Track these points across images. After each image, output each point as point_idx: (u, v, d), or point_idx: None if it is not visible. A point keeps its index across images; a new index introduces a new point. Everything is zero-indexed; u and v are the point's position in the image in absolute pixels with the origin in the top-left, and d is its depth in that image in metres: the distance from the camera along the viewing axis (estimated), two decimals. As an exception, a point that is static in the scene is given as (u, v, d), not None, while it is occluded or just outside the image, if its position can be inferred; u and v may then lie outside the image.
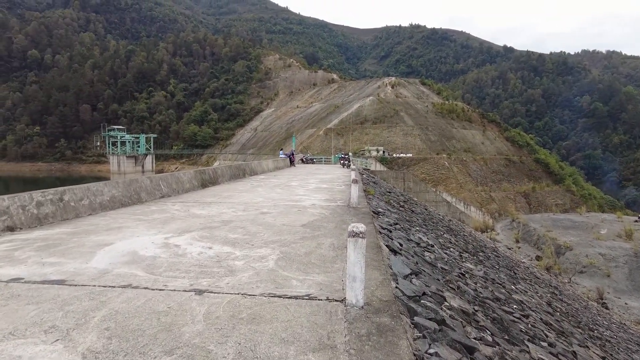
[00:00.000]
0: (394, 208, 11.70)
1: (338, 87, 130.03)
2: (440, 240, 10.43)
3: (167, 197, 8.87)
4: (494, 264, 12.66)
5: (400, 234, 7.22)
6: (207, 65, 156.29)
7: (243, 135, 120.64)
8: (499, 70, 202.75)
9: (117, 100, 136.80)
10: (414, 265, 5.16)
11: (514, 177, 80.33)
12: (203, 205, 7.67)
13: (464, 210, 47.24)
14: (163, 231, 5.16)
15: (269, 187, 11.81)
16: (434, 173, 72.16)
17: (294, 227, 5.55)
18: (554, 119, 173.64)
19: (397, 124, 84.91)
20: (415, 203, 21.01)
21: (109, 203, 6.96)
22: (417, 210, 16.30)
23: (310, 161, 35.79)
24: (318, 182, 14.06)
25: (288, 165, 25.25)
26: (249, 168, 16.78)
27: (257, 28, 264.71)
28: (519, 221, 47.51)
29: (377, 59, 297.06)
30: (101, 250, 4.16)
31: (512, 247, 39.28)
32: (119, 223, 5.71)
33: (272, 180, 14.57)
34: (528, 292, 9.83)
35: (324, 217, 6.44)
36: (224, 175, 13.23)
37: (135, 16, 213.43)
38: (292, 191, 10.64)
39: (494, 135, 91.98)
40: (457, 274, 6.51)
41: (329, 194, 10.02)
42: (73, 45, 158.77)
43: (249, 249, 4.25)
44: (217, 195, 9.32)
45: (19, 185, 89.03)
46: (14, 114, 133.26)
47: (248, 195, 9.53)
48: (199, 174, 11.13)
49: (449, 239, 11.96)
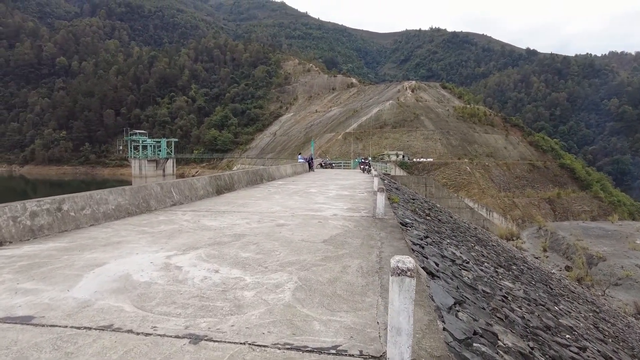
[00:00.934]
0: (421, 217, 10.88)
1: (357, 92, 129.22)
2: (472, 253, 9.55)
3: (178, 204, 8.33)
4: (530, 278, 11.65)
5: (433, 249, 6.44)
6: (227, 70, 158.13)
7: (262, 139, 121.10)
8: (521, 73, 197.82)
9: (140, 105, 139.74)
10: (455, 292, 4.40)
11: (538, 182, 77.73)
12: (215, 215, 7.07)
13: (488, 217, 45.62)
14: (166, 247, 4.55)
15: (287, 194, 11.17)
16: (456, 178, 70.42)
17: (314, 243, 4.86)
18: (579, 122, 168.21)
19: (418, 128, 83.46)
20: (440, 210, 20.03)
21: (114, 212, 6.43)
22: (444, 219, 15.38)
23: (329, 166, 35.08)
24: (338, 188, 13.35)
25: (307, 170, 24.57)
26: (266, 173, 16.20)
27: (277, 33, 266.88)
28: (547, 229, 45.50)
29: (396, 63, 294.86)
30: (90, 273, 3.56)
31: (540, 256, 37.55)
32: (120, 236, 5.13)
33: (290, 186, 13.95)
34: (572, 313, 8.85)
35: (348, 230, 5.72)
36: (240, 181, 12.67)
37: (158, 23, 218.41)
38: (311, 199, 9.96)
39: (517, 139, 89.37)
40: (500, 297, 5.69)
41: (351, 203, 9.30)
42: (99, 52, 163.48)
43: (262, 274, 3.57)
44: (232, 203, 8.72)
45: (45, 188, 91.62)
46: (43, 119, 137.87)
47: (264, 203, 8.89)
48: (214, 180, 10.58)
49: (480, 251, 11.05)
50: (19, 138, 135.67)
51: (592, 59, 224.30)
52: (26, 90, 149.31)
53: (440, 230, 10.68)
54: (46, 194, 79.09)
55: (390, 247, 4.79)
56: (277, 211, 7.62)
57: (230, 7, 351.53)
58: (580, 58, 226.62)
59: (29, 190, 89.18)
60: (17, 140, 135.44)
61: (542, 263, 31.58)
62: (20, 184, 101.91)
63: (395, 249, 4.73)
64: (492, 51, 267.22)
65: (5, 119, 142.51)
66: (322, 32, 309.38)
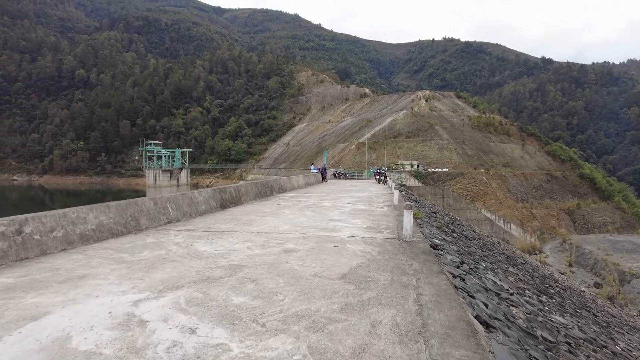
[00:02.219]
0: (448, 235, 9.70)
1: (370, 102, 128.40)
2: (510, 278, 8.32)
3: (175, 222, 7.34)
4: (572, 305, 10.28)
5: (474, 281, 5.29)
6: (241, 81, 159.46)
7: (275, 149, 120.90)
8: (537, 82, 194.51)
9: (155, 116, 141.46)
10: (521, 352, 3.26)
11: (556, 193, 75.24)
12: (213, 236, 6.04)
13: (508, 229, 43.76)
14: (139, 286, 3.52)
15: (298, 208, 10.11)
16: (472, 189, 68.58)
17: (330, 280, 3.77)
18: (598, 131, 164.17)
19: (432, 138, 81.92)
20: (462, 224, 18.70)
21: (93, 233, 5.46)
22: (469, 234, 14.10)
23: (343, 176, 33.96)
24: (354, 201, 12.24)
25: (320, 181, 23.53)
26: (277, 185, 15.18)
27: (291, 45, 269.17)
28: (571, 243, 43.28)
29: (409, 73, 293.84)
30: (14, 334, 2.52)
31: (566, 272, 35.57)
32: (89, 267, 4.13)
33: (302, 199, 12.89)
34: (633, 353, 7.51)
35: (371, 259, 4.61)
36: (248, 194, 11.67)
37: (174, 35, 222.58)
38: (324, 214, 8.88)
39: (534, 149, 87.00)
40: (566, 349, 4.50)
41: (370, 219, 8.18)
42: (116, 65, 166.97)
43: (256, 337, 2.49)
44: (235, 221, 7.69)
45: (62, 197, 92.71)
46: (62, 130, 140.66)
47: (272, 220, 7.84)
48: (218, 194, 9.59)
49: (516, 274, 9.77)
50: (39, 149, 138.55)
51: (610, 67, 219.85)
52: (47, 102, 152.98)
53: (471, 250, 9.47)
54: (63, 203, 79.93)
55: (429, 286, 3.67)
56: (285, 231, 6.55)
57: (245, 19, 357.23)
58: (598, 66, 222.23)
59: (47, 199, 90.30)
60: (37, 151, 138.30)
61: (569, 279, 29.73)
62: (38, 193, 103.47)
63: (435, 288, 3.62)
64: (507, 60, 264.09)
65: (26, 130, 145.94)
66: (335, 44, 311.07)
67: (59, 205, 73.22)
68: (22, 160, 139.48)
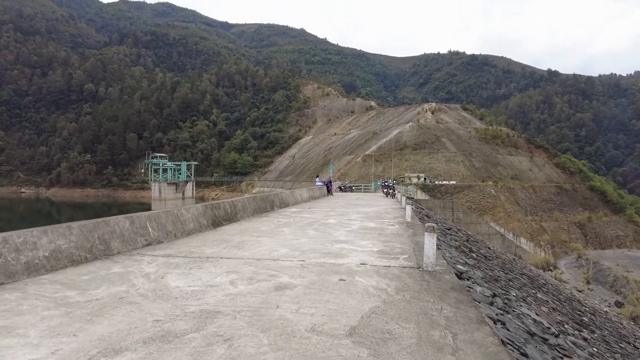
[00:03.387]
0: (468, 256, 8.59)
1: (376, 114, 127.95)
2: (543, 308, 7.19)
3: (155, 244, 6.33)
4: (610, 336, 9.05)
5: (514, 323, 4.22)
6: (248, 95, 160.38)
7: (281, 162, 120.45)
8: (543, 94, 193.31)
9: (162, 129, 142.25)
10: None
11: (566, 206, 73.58)
12: (193, 263, 5.01)
13: (519, 243, 42.22)
14: (63, 352, 2.48)
15: (300, 226, 9.08)
16: (480, 201, 67.17)
17: (334, 339, 2.71)
18: (606, 144, 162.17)
19: (439, 150, 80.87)
20: (476, 241, 17.49)
21: (46, 261, 4.47)
22: (487, 253, 12.94)
23: (349, 189, 32.96)
24: (362, 217, 11.17)
25: (325, 195, 22.52)
26: (278, 199, 14.12)
27: (297, 59, 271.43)
28: (587, 258, 41.54)
29: (415, 86, 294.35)
30: None
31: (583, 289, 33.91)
32: (10, 316, 3.08)
33: (305, 215, 11.86)
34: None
35: (389, 301, 3.55)
36: (245, 210, 10.66)
37: (182, 50, 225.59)
38: (329, 234, 7.83)
39: (543, 161, 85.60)
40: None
41: (381, 241, 7.11)
42: (124, 78, 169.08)
43: None
44: (225, 242, 6.66)
45: (69, 210, 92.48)
46: (69, 143, 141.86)
47: (268, 241, 6.80)
48: (210, 210, 8.59)
49: (546, 301, 8.60)
50: (47, 161, 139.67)
51: (618, 79, 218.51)
52: (56, 115, 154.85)
53: (495, 274, 8.35)
54: (70, 216, 79.48)
55: (472, 348, 2.61)
56: (281, 256, 5.51)
57: (252, 34, 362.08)
58: (605, 78, 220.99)
59: (54, 212, 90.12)
60: (45, 164, 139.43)
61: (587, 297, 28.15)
62: (45, 205, 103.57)
63: (481, 352, 2.55)
64: (513, 73, 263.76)
65: (35, 143, 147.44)
66: (341, 57, 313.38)
67: (66, 217, 72.27)
68: (31, 172, 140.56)
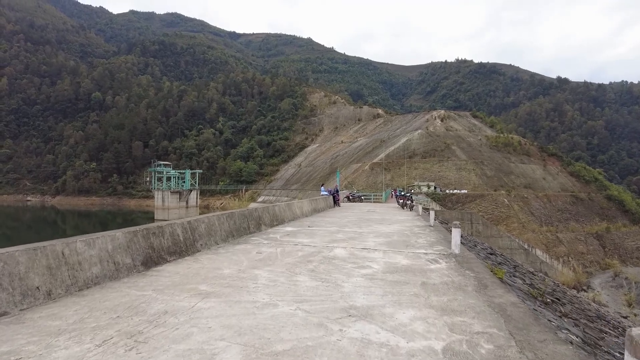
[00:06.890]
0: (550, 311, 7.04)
1: (384, 122, 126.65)
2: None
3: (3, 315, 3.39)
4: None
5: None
6: (254, 103, 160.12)
7: (287, 170, 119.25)
8: (553, 102, 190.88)
9: (168, 137, 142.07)
10: None
11: (582, 216, 71.13)
12: None
13: (544, 259, 40.16)
14: None
15: (288, 265, 5.87)
16: (493, 211, 65.03)
17: None
18: (620, 151, 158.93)
19: (449, 158, 79.08)
20: (518, 265, 15.72)
21: None
22: (563, 299, 11.35)
23: (358, 199, 31.26)
24: (384, 244, 7.93)
25: (331, 206, 20.26)
26: (268, 215, 10.61)
27: (304, 68, 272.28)
28: (627, 277, 38.16)
29: (422, 94, 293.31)
30: None
31: (628, 315, 31.32)
32: None
33: (300, 239, 8.51)
34: None
35: None
36: (212, 234, 7.47)
37: (189, 59, 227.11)
38: (334, 289, 4.47)
39: (556, 169, 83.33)
40: None
41: (435, 308, 3.77)
42: (131, 87, 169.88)
43: None
44: (117, 322, 3.31)
45: (74, 218, 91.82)
46: (75, 151, 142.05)
47: (214, 313, 3.57)
48: (142, 239, 5.51)
49: (599, 329, 7.08)
50: (53, 169, 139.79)
51: (630, 86, 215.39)
52: (63, 124, 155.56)
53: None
54: (74, 224, 78.66)
55: None
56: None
57: (259, 43, 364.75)
58: (616, 85, 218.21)
59: (59, 220, 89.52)
60: (51, 172, 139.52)
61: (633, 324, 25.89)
62: (51, 214, 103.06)
63: None
64: (521, 81, 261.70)
65: (42, 151, 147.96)
66: (347, 66, 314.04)
67: (70, 226, 70.37)
68: (37, 181, 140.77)
